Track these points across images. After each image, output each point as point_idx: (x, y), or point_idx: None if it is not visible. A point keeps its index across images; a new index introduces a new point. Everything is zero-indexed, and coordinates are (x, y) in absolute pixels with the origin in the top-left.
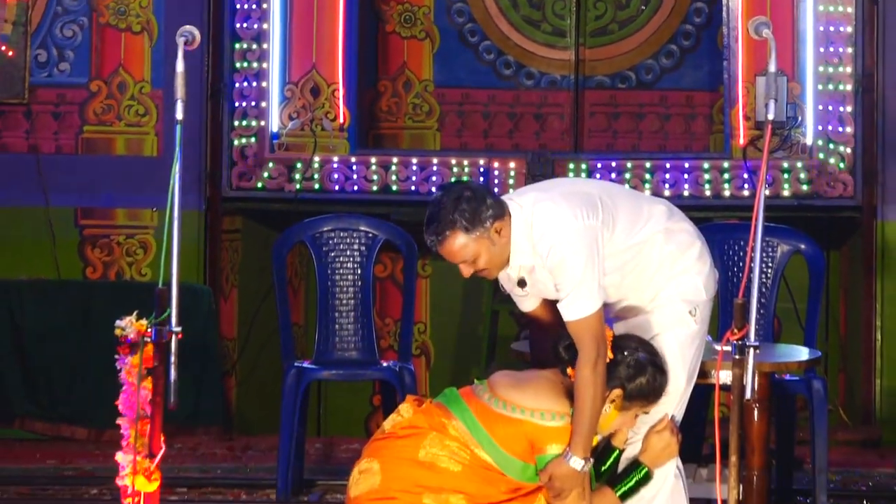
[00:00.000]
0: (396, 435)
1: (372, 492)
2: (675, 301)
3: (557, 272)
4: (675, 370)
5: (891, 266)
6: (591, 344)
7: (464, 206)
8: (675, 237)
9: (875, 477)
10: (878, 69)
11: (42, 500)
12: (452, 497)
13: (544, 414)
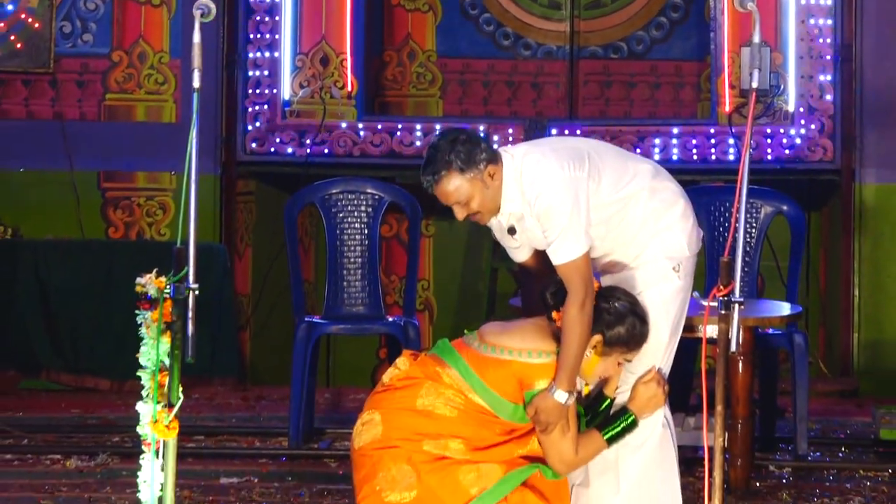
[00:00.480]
0: (394, 387)
1: (374, 441)
2: (659, 258)
3: (545, 219)
4: (658, 324)
5: (868, 226)
6: (578, 284)
7: (459, 147)
8: (660, 194)
9: (853, 425)
10: (856, 40)
11: (67, 447)
12: (451, 441)
13: (531, 353)
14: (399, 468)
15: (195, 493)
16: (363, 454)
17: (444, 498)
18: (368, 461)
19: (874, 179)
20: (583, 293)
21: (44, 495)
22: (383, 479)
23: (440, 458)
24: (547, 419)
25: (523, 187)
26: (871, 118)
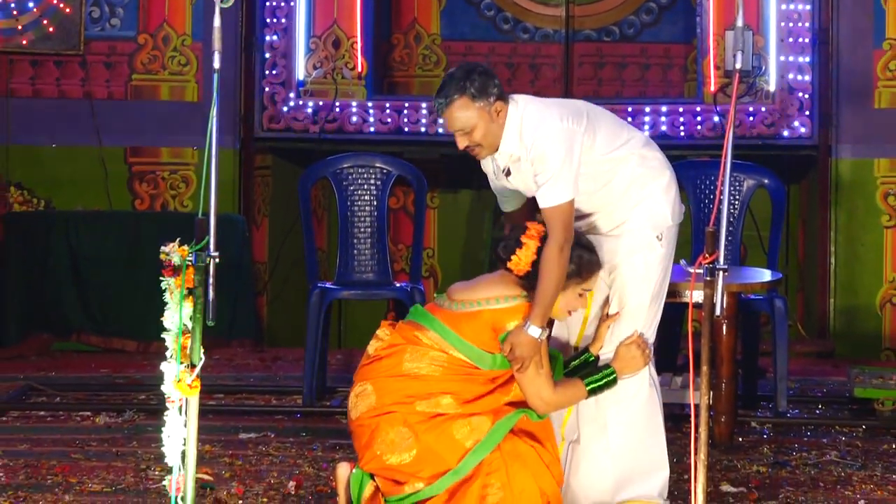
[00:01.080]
0: (380, 357)
1: (370, 410)
2: (643, 227)
3: (538, 163)
4: (640, 289)
5: (843, 199)
6: (560, 228)
7: (475, 77)
8: (649, 162)
9: (829, 384)
10: (832, 24)
11: (96, 404)
12: (442, 398)
13: (498, 299)
14: (397, 431)
15: (216, 447)
16: (360, 423)
17: (441, 454)
18: (367, 429)
19: (849, 155)
20: (563, 237)
21: (74, 449)
22: (382, 444)
23: (434, 416)
24: (521, 354)
25: (522, 132)
26: (847, 97)
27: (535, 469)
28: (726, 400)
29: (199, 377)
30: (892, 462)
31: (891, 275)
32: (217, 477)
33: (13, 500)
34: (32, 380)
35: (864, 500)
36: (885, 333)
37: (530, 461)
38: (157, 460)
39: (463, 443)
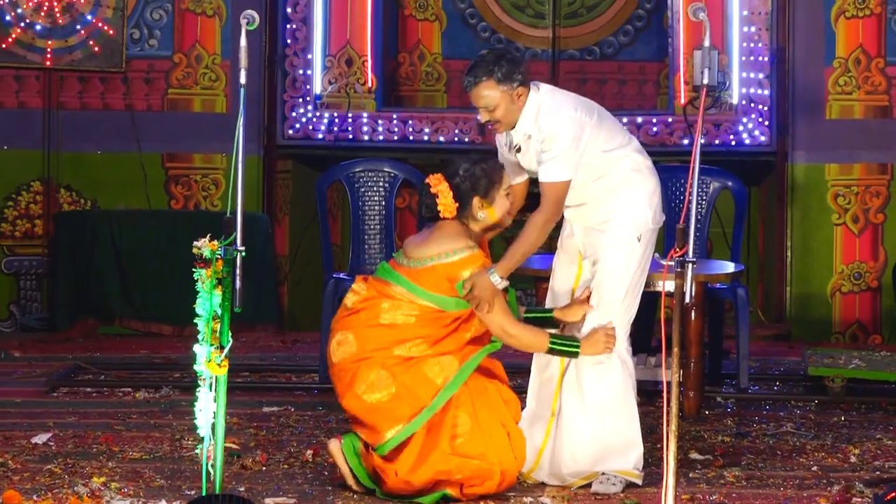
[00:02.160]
0: (357, 309)
1: (351, 356)
2: (626, 226)
3: (546, 143)
4: (616, 282)
5: (798, 199)
6: (552, 204)
7: (503, 62)
8: (639, 167)
9: (785, 364)
10: (788, 45)
11: (137, 381)
12: (414, 343)
13: (448, 254)
14: (377, 373)
15: (242, 419)
16: (343, 367)
17: (417, 391)
18: (348, 373)
19: (803, 160)
20: (552, 211)
21: (117, 421)
22: (363, 384)
23: (409, 358)
24: (481, 295)
25: (539, 115)
26: (801, 110)
27: (496, 404)
28: (694, 377)
29: (228, 357)
30: (841, 433)
31: (840, 266)
32: (243, 446)
33: (63, 466)
34: (80, 360)
35: (817, 467)
36: (835, 318)
37: (492, 397)
38: (190, 431)
39: (434, 381)
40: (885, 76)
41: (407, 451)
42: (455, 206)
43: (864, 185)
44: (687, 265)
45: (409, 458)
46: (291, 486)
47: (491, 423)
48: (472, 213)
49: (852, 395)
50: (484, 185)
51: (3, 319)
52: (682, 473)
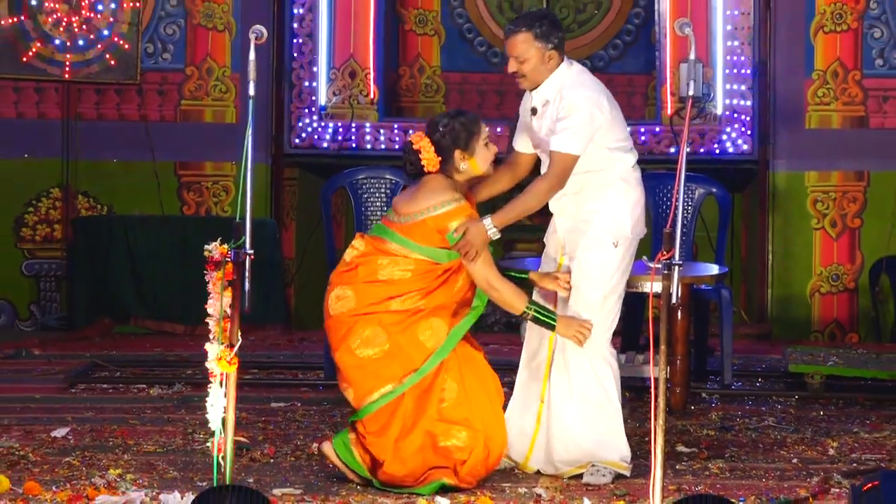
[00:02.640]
0: (356, 264)
1: (349, 311)
2: (604, 230)
3: (563, 112)
4: (594, 283)
5: (779, 205)
6: (557, 172)
7: (545, 22)
8: (629, 177)
9: (767, 361)
10: (769, 58)
11: (151, 378)
12: (410, 296)
13: (436, 206)
14: (373, 330)
15: (251, 414)
16: (340, 320)
17: (409, 352)
18: (344, 325)
19: (784, 168)
20: (556, 181)
21: (132, 416)
22: (358, 338)
23: (403, 311)
24: (472, 241)
25: (563, 87)
26: (782, 120)
27: (483, 371)
28: (681, 374)
29: (237, 355)
30: (820, 427)
31: (819, 269)
32: (252, 439)
33: (81, 459)
34: (97, 357)
35: (797, 459)
36: (814, 318)
37: (479, 364)
38: (202, 425)
39: (426, 344)
40: (861, 88)
41: (398, 417)
42: (438, 161)
43: (842, 192)
44: (673, 267)
45: (398, 424)
46: (298, 477)
47: (477, 390)
48: (455, 165)
49: (830, 391)
50: (464, 137)
51: (23, 319)
52: (669, 465)
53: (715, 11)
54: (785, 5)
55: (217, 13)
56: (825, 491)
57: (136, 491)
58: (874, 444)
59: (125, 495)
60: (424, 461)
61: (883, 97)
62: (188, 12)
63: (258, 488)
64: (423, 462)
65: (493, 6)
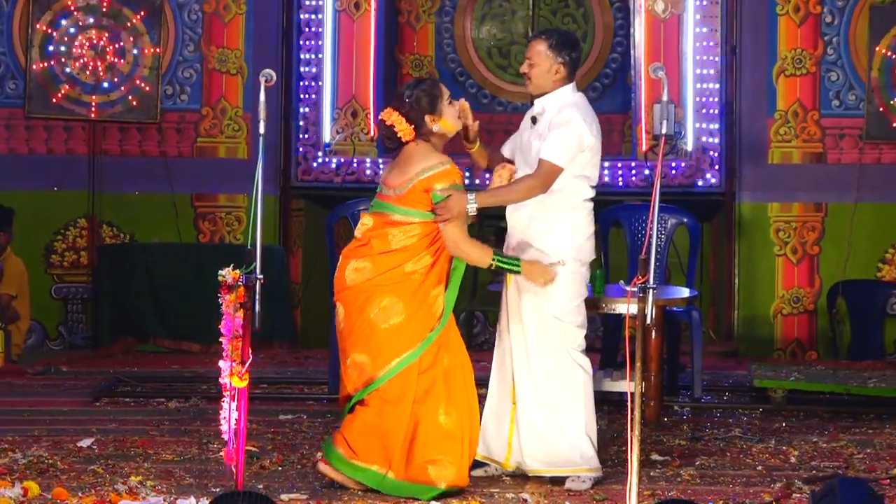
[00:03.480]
0: (368, 239)
1: (367, 280)
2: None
3: (554, 127)
4: (546, 300)
5: (744, 233)
6: (542, 179)
7: (562, 38)
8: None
9: (734, 377)
10: (736, 99)
11: (169, 392)
12: (419, 258)
13: (424, 170)
14: (390, 300)
15: (260, 426)
16: (358, 290)
17: (422, 321)
18: (363, 295)
19: (749, 199)
20: (540, 186)
21: (152, 427)
22: (376, 308)
23: (420, 278)
24: (451, 208)
25: (563, 105)
26: (747, 155)
27: (462, 346)
28: (654, 389)
29: (248, 371)
30: (783, 437)
31: (781, 292)
32: (262, 449)
33: (105, 467)
34: (119, 373)
35: (762, 466)
36: (777, 337)
37: (459, 340)
38: (216, 436)
39: (435, 314)
40: (819, 127)
41: (410, 384)
42: (412, 129)
43: (802, 222)
44: (648, 291)
45: (412, 391)
46: (304, 484)
47: (462, 360)
48: (429, 129)
49: (792, 404)
50: (428, 101)
51: (53, 339)
52: (645, 472)
53: (686, 57)
54: (749, 51)
55: (230, 58)
56: (787, 496)
57: (156, 497)
58: (832, 452)
59: (145, 500)
60: (425, 471)
61: (839, 135)
62: (204, 57)
63: (267, 494)
64: (423, 467)
65: (482, 52)
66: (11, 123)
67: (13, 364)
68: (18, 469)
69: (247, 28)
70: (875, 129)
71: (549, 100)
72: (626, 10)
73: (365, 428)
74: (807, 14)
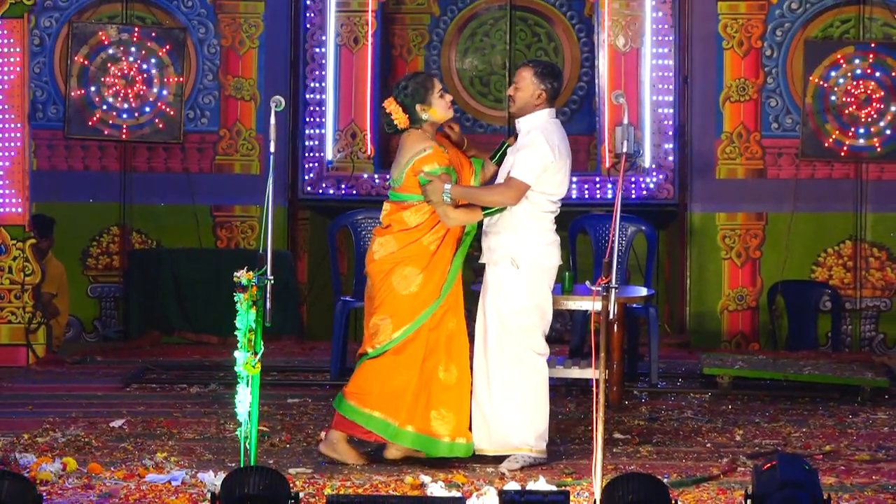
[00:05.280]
0: (389, 223)
1: (391, 253)
2: (507, 252)
3: (521, 148)
4: (505, 297)
5: (695, 240)
6: (512, 194)
7: (549, 68)
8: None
9: (686, 365)
10: (688, 122)
11: (191, 378)
12: (435, 231)
13: (414, 156)
14: (410, 269)
15: (271, 408)
16: (383, 262)
17: (435, 282)
18: (387, 265)
19: (699, 210)
20: (506, 197)
21: (175, 410)
22: (398, 277)
23: (436, 247)
24: (428, 194)
25: (533, 127)
26: (697, 172)
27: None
28: (617, 376)
29: (260, 361)
30: (729, 418)
31: (727, 291)
32: (272, 429)
33: (134, 445)
34: (147, 362)
35: (710, 444)
36: (724, 330)
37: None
38: (232, 417)
39: (445, 275)
40: (760, 146)
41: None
42: (406, 118)
43: (745, 229)
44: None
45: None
46: (309, 459)
47: (462, 323)
48: (420, 117)
49: (737, 389)
50: (420, 93)
51: (89, 332)
52: (608, 449)
53: (644, 85)
54: (699, 80)
55: (245, 86)
56: (733, 470)
57: (179, 470)
58: (772, 432)
59: (170, 474)
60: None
61: (778, 153)
62: (221, 85)
63: (277, 468)
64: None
65: (465, 81)
66: (53, 143)
67: (54, 354)
68: (58, 446)
69: (259, 60)
70: (809, 148)
71: (525, 121)
72: (592, 44)
73: (373, 376)
74: (749, 48)
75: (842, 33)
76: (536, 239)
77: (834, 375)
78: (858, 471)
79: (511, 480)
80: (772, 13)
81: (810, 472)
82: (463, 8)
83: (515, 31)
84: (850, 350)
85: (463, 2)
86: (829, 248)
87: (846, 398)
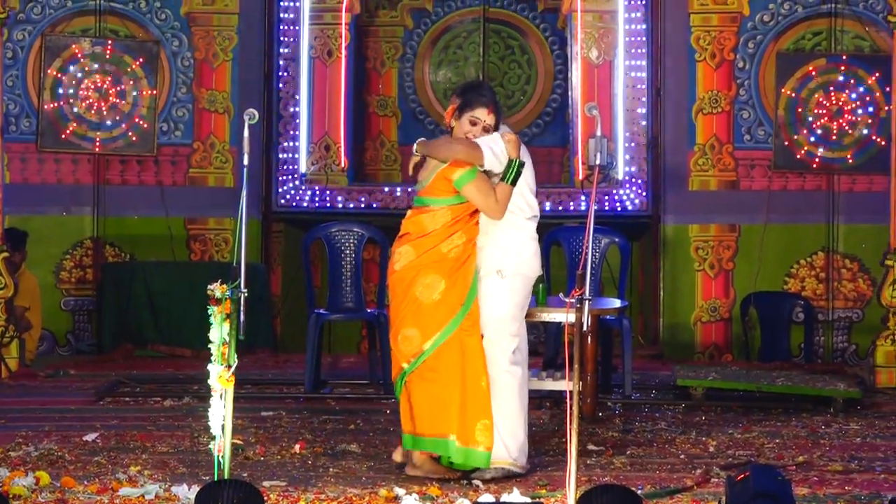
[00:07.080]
0: (408, 229)
1: (410, 262)
2: (491, 261)
3: None
4: (489, 303)
5: (668, 252)
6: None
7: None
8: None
9: (659, 376)
10: (661, 134)
11: (164, 391)
12: (456, 237)
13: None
14: (432, 277)
15: (245, 421)
16: (404, 271)
17: (459, 289)
18: (409, 275)
19: (672, 222)
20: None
21: (149, 423)
22: (420, 286)
23: (457, 255)
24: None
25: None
26: (670, 183)
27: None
28: (591, 387)
29: (234, 374)
30: (702, 429)
31: (700, 302)
32: (246, 442)
33: (107, 458)
34: (121, 376)
35: (684, 455)
36: (697, 342)
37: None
38: (206, 431)
39: (469, 280)
40: (733, 158)
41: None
42: (448, 122)
43: (718, 241)
44: (585, 302)
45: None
46: (283, 472)
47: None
48: (450, 125)
49: (710, 401)
50: (461, 106)
51: (62, 345)
52: (582, 461)
53: (617, 97)
54: (672, 92)
55: (218, 99)
56: (707, 481)
57: (152, 484)
58: (745, 442)
59: (143, 487)
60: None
61: (750, 165)
62: (195, 98)
63: (251, 481)
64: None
65: (439, 93)
66: (26, 156)
67: (26, 368)
68: (31, 460)
69: (233, 73)
70: (782, 160)
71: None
72: (565, 56)
73: (420, 401)
74: (722, 60)
75: (814, 45)
76: (523, 247)
77: (807, 386)
78: (831, 481)
79: (485, 493)
80: (744, 25)
81: (783, 482)
82: (436, 20)
83: (489, 44)
84: (822, 361)
85: (436, 14)
86: (802, 259)
87: (819, 409)
